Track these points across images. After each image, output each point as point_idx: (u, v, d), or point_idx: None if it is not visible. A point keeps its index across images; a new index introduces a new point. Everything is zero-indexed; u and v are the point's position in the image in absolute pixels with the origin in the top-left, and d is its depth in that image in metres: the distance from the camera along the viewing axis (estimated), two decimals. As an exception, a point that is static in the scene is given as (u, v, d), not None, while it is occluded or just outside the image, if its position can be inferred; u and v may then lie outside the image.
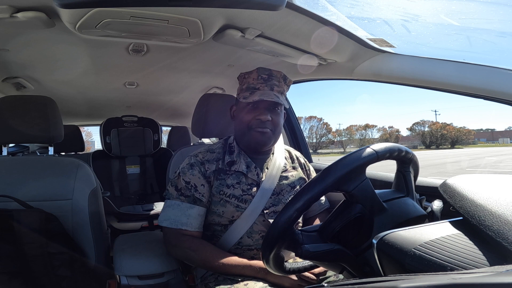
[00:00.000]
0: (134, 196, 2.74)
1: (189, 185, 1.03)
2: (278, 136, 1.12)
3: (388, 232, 0.54)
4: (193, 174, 1.05)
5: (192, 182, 1.04)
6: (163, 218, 1.04)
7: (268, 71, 1.06)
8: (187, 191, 1.03)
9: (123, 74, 1.70)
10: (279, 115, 1.07)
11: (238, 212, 1.03)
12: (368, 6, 1.21)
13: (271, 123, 1.05)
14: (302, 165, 1.22)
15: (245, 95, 1.05)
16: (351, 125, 50.05)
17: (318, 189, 0.60)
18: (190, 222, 1.01)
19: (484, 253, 0.46)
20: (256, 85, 1.04)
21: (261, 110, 1.04)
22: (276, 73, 1.07)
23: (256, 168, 1.08)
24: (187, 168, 1.06)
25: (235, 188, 1.04)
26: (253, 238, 1.03)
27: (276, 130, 1.07)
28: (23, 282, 0.93)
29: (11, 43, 1.17)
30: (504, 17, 1.05)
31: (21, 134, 1.17)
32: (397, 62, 1.04)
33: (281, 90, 1.06)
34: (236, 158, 1.08)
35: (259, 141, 1.06)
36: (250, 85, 1.05)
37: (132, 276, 1.07)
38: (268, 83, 1.04)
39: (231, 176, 1.06)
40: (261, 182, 1.07)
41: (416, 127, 49.84)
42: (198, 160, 1.07)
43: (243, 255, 1.03)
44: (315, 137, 47.23)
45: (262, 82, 1.04)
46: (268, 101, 1.03)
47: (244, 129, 1.07)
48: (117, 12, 0.88)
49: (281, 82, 1.07)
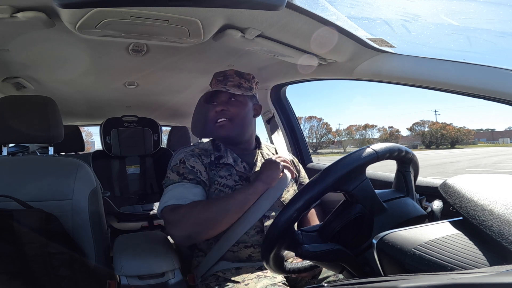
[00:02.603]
0: (134, 196, 2.74)
1: (195, 169, 1.07)
2: (243, 126, 1.16)
3: (388, 232, 0.54)
4: (195, 161, 1.10)
5: (197, 167, 1.08)
6: (166, 199, 1.00)
7: (222, 73, 1.17)
8: (192, 174, 1.06)
9: (123, 74, 1.70)
10: (236, 105, 1.14)
11: None
12: (368, 6, 1.21)
13: (228, 112, 1.12)
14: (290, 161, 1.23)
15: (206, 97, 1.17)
16: (351, 125, 50.09)
17: (318, 189, 0.60)
18: (196, 199, 1.00)
19: (484, 253, 0.46)
20: (213, 87, 1.16)
21: (217, 104, 1.14)
22: (229, 72, 1.16)
23: (242, 162, 1.13)
24: (190, 156, 1.11)
25: (227, 179, 1.09)
26: (248, 233, 1.04)
27: (235, 119, 1.13)
28: (23, 282, 0.93)
29: (11, 43, 1.17)
30: (504, 17, 1.05)
31: (21, 134, 1.17)
32: (397, 62, 1.04)
33: (236, 83, 1.14)
34: (224, 153, 1.14)
35: (220, 133, 1.14)
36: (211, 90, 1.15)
37: (132, 276, 1.07)
38: (223, 81, 1.15)
39: (222, 169, 1.11)
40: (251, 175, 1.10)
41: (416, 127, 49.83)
42: (196, 153, 1.13)
43: (240, 253, 1.04)
44: (315, 137, 47.25)
45: (218, 83, 1.15)
46: (221, 94, 1.14)
47: (210, 125, 1.15)
48: (117, 12, 0.88)
49: (235, 77, 1.15)
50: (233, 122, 1.13)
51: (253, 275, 0.98)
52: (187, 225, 0.95)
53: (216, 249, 1.04)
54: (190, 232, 0.96)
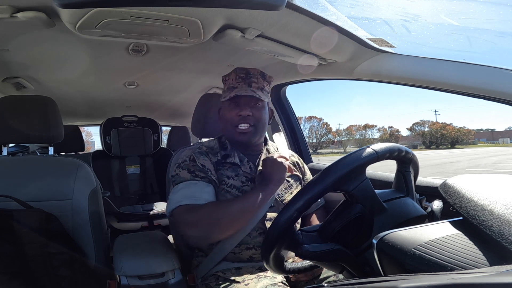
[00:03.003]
0: (134, 196, 2.74)
1: (206, 168, 1.05)
2: (262, 131, 1.14)
3: (388, 232, 0.54)
4: (205, 159, 1.08)
5: (207, 166, 1.06)
6: (178, 198, 0.98)
7: (245, 70, 1.10)
8: (203, 172, 1.04)
9: (123, 74, 1.71)
10: (261, 110, 1.10)
11: None
12: (368, 6, 1.21)
13: (253, 118, 1.08)
14: (295, 163, 1.24)
15: (225, 95, 1.10)
16: (351, 125, 50.07)
17: (318, 189, 0.60)
18: (209, 199, 0.99)
19: (484, 253, 0.46)
20: (235, 84, 1.09)
21: (241, 106, 1.07)
22: (253, 71, 1.11)
23: (249, 162, 1.11)
24: (199, 154, 1.09)
25: (234, 180, 1.07)
26: (251, 235, 1.03)
27: (258, 125, 1.10)
28: (23, 282, 0.93)
29: (11, 43, 1.17)
30: (504, 17, 1.05)
31: (21, 134, 1.17)
32: (397, 62, 1.04)
33: (260, 86, 1.09)
34: (230, 152, 1.12)
35: (241, 139, 1.10)
36: (230, 85, 1.10)
37: (132, 276, 1.07)
38: (246, 80, 1.09)
39: (229, 169, 1.09)
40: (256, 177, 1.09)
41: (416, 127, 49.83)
42: (204, 151, 1.11)
43: (241, 254, 1.03)
44: (315, 137, 47.24)
45: (240, 81, 1.09)
46: (247, 97, 1.07)
47: (228, 127, 1.10)
48: (117, 12, 0.88)
49: (259, 78, 1.10)
50: (256, 129, 1.09)
51: (253, 275, 0.98)
52: (207, 226, 0.95)
53: (217, 250, 1.04)
54: (208, 233, 0.96)
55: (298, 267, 0.75)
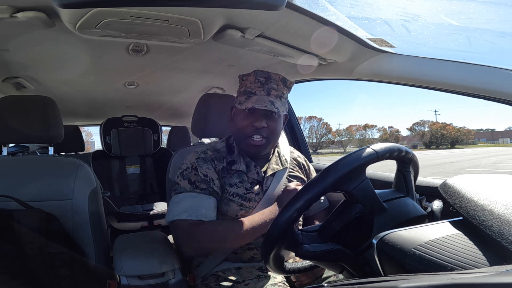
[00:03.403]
0: (134, 196, 2.74)
1: (208, 178, 1.01)
2: (275, 142, 1.11)
3: (388, 232, 0.54)
4: (209, 168, 1.03)
5: (210, 175, 1.02)
6: (179, 211, 0.97)
7: (265, 74, 1.04)
8: (204, 183, 1.00)
9: (123, 74, 1.70)
10: (276, 121, 1.06)
11: (242, 211, 1.02)
12: (368, 6, 1.21)
13: (267, 129, 1.04)
14: (301, 165, 1.22)
15: (241, 99, 1.04)
16: (351, 125, 50.11)
17: (318, 189, 0.60)
18: (208, 214, 0.97)
19: (484, 253, 0.46)
20: (252, 89, 1.03)
21: (256, 117, 1.03)
22: (275, 76, 1.04)
23: (256, 167, 1.08)
24: (202, 162, 1.04)
25: (238, 187, 1.04)
26: None
27: (272, 137, 1.06)
28: (23, 282, 0.93)
29: (11, 43, 1.17)
30: (504, 17, 1.05)
31: (21, 134, 1.17)
32: (397, 62, 1.04)
33: (280, 93, 1.04)
34: (237, 158, 1.08)
35: (253, 152, 1.06)
36: (247, 89, 1.04)
37: (132, 276, 1.07)
38: (266, 86, 1.02)
39: (233, 176, 1.05)
40: (264, 180, 1.07)
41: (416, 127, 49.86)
42: (209, 157, 1.07)
43: (243, 254, 1.03)
44: (315, 137, 47.26)
45: (259, 86, 1.02)
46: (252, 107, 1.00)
47: (240, 136, 1.07)
48: (117, 12, 0.88)
49: (280, 85, 1.05)
50: (268, 141, 1.05)
51: (253, 275, 0.98)
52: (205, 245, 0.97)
53: (220, 251, 1.05)
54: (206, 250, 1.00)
55: (298, 267, 0.75)
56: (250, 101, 1.01)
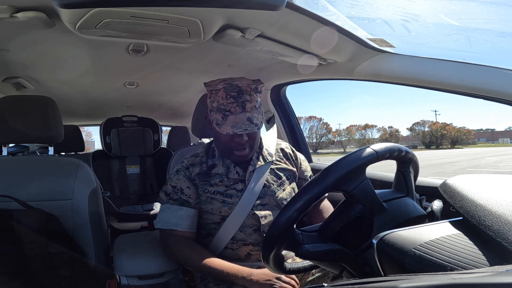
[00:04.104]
0: (134, 196, 2.74)
1: (176, 189, 1.09)
2: (257, 146, 1.13)
3: (388, 232, 0.54)
4: (179, 178, 1.10)
5: (178, 185, 1.09)
6: (157, 221, 1.10)
7: (236, 88, 0.99)
8: (174, 194, 1.09)
9: (123, 74, 1.71)
10: (256, 132, 1.07)
11: (225, 207, 1.05)
12: (368, 6, 1.21)
13: (248, 141, 1.06)
14: (288, 155, 1.21)
15: (218, 118, 1.00)
16: (351, 125, 50.06)
17: (318, 189, 0.60)
18: (180, 223, 1.06)
19: (484, 253, 0.46)
20: (226, 106, 0.99)
21: (237, 136, 1.03)
22: (245, 87, 1.00)
23: (235, 167, 1.10)
24: (173, 174, 1.12)
25: (218, 186, 1.08)
26: (245, 232, 1.05)
27: (255, 145, 1.10)
28: (23, 282, 0.93)
29: (11, 43, 1.17)
30: (504, 17, 1.05)
31: (21, 134, 1.17)
32: (397, 62, 1.04)
33: (254, 104, 1.01)
34: (217, 161, 1.12)
35: (239, 161, 1.11)
36: (221, 106, 1.00)
37: (132, 276, 1.07)
38: (239, 100, 0.99)
39: (213, 177, 1.09)
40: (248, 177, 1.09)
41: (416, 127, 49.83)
42: (183, 166, 1.13)
43: (239, 250, 1.04)
44: (315, 137, 47.24)
45: (233, 102, 0.98)
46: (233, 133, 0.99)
47: (224, 149, 1.10)
48: (117, 12, 0.88)
49: (253, 94, 1.01)
50: (252, 149, 1.09)
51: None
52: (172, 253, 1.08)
53: (213, 249, 1.06)
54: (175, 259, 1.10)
55: (298, 267, 0.75)
56: (228, 123, 0.99)
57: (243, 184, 1.09)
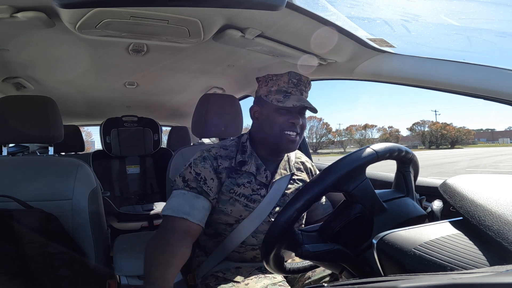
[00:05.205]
0: (134, 196, 2.74)
1: (199, 177, 1.01)
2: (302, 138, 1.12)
3: (388, 232, 0.54)
4: (205, 167, 1.02)
5: (203, 174, 1.01)
6: (166, 207, 0.98)
7: (298, 76, 1.05)
8: (195, 182, 1.00)
9: (123, 74, 1.71)
10: (305, 118, 1.09)
11: (246, 212, 1.02)
12: (368, 6, 1.21)
13: (301, 126, 1.06)
14: (308, 170, 1.22)
15: (279, 98, 1.03)
16: (351, 125, 50.09)
17: (318, 189, 0.60)
18: (193, 213, 0.96)
19: (484, 253, 0.46)
20: (288, 89, 1.04)
21: (294, 114, 1.04)
22: (304, 78, 1.06)
23: (266, 170, 1.07)
24: (200, 160, 1.04)
25: (245, 187, 1.04)
26: (257, 237, 1.03)
27: (302, 134, 1.09)
28: (23, 282, 0.93)
29: (11, 43, 1.17)
30: (504, 17, 1.05)
31: (21, 134, 1.17)
32: (397, 62, 1.04)
33: (306, 95, 1.08)
34: (248, 158, 1.07)
35: (288, 148, 1.06)
36: (282, 88, 1.04)
37: (132, 276, 1.07)
38: (298, 88, 1.04)
39: (242, 176, 1.05)
40: (270, 184, 1.07)
41: (416, 127, 49.85)
42: (211, 155, 1.05)
43: (245, 254, 1.04)
44: (315, 137, 47.23)
45: (293, 87, 1.04)
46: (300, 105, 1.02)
47: (275, 131, 1.05)
48: (117, 12, 0.89)
49: (307, 86, 1.07)
50: (300, 137, 1.07)
51: (253, 275, 0.98)
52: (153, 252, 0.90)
53: (220, 250, 1.05)
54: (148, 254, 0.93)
55: (298, 267, 0.75)
56: (291, 99, 1.02)
57: (266, 190, 1.06)
